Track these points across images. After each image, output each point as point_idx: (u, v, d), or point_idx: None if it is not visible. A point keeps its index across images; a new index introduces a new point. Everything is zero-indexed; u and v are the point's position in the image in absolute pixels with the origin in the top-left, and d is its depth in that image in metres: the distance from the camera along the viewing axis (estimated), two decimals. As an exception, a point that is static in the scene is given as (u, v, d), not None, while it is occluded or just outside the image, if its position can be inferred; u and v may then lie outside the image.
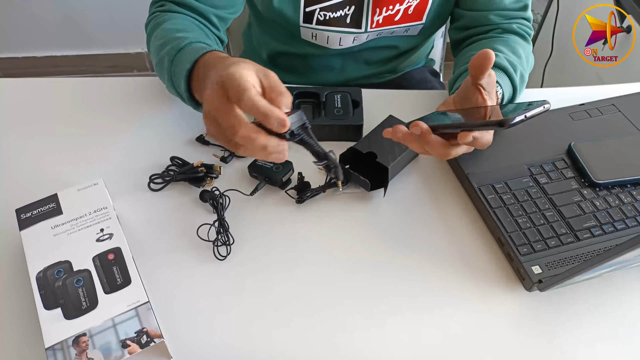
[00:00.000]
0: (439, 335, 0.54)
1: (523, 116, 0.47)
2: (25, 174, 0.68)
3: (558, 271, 0.56)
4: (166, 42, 0.65)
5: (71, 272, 0.53)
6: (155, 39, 0.68)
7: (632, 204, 0.62)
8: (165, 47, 0.64)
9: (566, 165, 0.67)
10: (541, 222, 0.61)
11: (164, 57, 0.64)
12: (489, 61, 0.52)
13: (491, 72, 0.56)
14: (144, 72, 2.09)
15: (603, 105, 0.76)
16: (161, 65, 0.65)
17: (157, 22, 0.70)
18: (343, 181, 0.66)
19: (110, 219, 0.58)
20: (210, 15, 0.73)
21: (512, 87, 0.68)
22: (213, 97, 0.47)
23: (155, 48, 0.67)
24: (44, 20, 1.91)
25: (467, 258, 0.60)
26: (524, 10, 0.78)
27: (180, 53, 0.61)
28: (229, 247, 0.60)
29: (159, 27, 0.69)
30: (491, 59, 0.52)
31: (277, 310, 0.55)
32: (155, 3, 0.74)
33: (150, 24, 0.72)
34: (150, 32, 0.71)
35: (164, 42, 0.65)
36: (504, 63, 0.68)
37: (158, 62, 0.66)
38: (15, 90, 0.82)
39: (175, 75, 0.62)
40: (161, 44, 0.65)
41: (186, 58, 0.60)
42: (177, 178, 0.67)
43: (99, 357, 0.47)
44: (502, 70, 0.68)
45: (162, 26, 0.69)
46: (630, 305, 0.56)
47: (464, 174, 0.66)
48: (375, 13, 0.76)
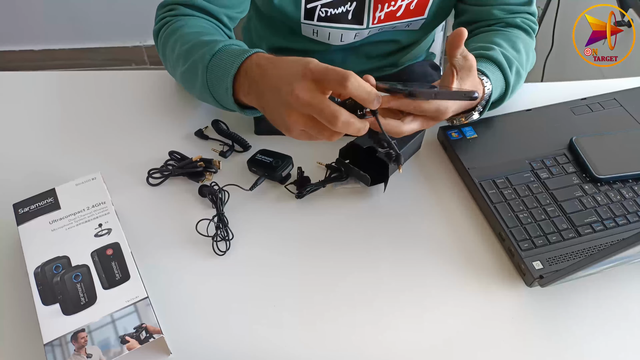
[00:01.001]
0: (439, 331, 0.54)
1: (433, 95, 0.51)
2: (22, 168, 0.68)
3: (559, 267, 0.56)
4: (193, 46, 0.62)
5: (69, 267, 0.53)
6: (176, 45, 0.65)
7: (633, 199, 0.62)
8: (196, 52, 0.61)
9: (567, 160, 0.67)
10: (542, 217, 0.60)
11: (196, 62, 0.61)
12: (460, 38, 0.54)
13: (469, 57, 0.57)
14: (143, 65, 2.08)
15: (605, 99, 0.75)
16: (192, 70, 0.62)
17: (172, 28, 0.68)
18: (343, 177, 0.66)
19: (109, 214, 0.57)
20: (222, 16, 0.72)
21: (504, 82, 0.68)
22: (304, 93, 0.48)
23: (180, 54, 0.64)
24: (41, 13, 1.90)
25: (468, 253, 0.60)
26: (528, 5, 0.78)
27: (217, 57, 0.59)
28: (229, 242, 0.60)
29: (176, 33, 0.67)
30: (462, 36, 0.54)
31: (277, 306, 0.55)
32: (163, 7, 0.72)
33: (163, 29, 0.70)
34: (165, 39, 0.68)
35: (191, 47, 0.63)
36: (499, 57, 0.67)
37: (188, 67, 0.63)
38: (12, 83, 0.81)
39: (213, 80, 0.59)
40: (187, 49, 0.63)
41: (227, 61, 0.58)
42: (175, 173, 0.66)
43: (97, 352, 0.47)
44: (495, 65, 0.67)
45: (180, 31, 0.66)
46: (632, 300, 0.56)
47: (465, 169, 0.66)
48: (377, 9, 0.76)
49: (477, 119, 0.66)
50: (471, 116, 0.65)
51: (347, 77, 0.46)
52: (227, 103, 0.60)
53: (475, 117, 0.65)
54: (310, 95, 0.48)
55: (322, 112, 0.47)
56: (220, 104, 0.62)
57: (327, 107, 0.47)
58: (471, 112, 0.65)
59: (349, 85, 0.46)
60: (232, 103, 0.59)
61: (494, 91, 0.65)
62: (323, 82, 0.48)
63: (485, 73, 0.64)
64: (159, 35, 0.71)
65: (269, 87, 0.52)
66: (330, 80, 0.47)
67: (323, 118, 0.48)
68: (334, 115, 0.47)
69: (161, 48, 0.70)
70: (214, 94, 0.61)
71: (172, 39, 0.67)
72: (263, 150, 0.68)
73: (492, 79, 0.65)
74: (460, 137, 0.70)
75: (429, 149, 0.71)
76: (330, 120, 0.47)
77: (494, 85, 0.65)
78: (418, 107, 0.56)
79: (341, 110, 0.47)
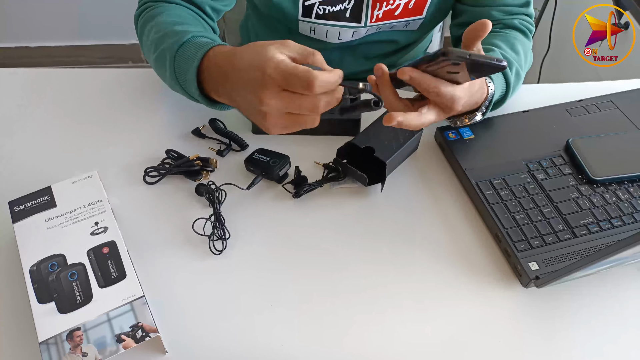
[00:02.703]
0: (435, 330, 0.54)
1: (468, 56, 0.46)
2: (18, 165, 0.68)
3: (555, 267, 0.56)
4: (165, 35, 0.62)
5: (65, 265, 0.52)
6: (151, 32, 0.65)
7: (629, 200, 0.62)
8: (166, 41, 0.61)
9: (564, 162, 0.67)
10: (538, 218, 0.61)
11: (164, 52, 0.61)
12: (484, 30, 0.52)
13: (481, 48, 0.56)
14: (139, 63, 2.07)
15: (601, 101, 0.76)
16: (161, 60, 0.62)
17: (151, 14, 0.68)
18: (341, 176, 0.65)
19: (105, 212, 0.57)
20: (205, 7, 0.72)
21: (505, 83, 0.68)
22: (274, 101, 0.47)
23: (153, 41, 0.64)
24: (37, 10, 1.88)
25: (464, 254, 0.60)
26: (525, 7, 0.78)
27: (183, 48, 0.59)
28: (225, 241, 0.60)
29: (153, 19, 0.67)
30: (487, 27, 0.52)
31: (273, 305, 0.55)
32: None
33: (142, 15, 0.70)
34: (143, 24, 0.69)
35: (162, 35, 0.63)
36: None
37: (157, 56, 0.63)
38: (8, 80, 0.81)
39: (180, 71, 0.59)
40: (159, 37, 0.63)
41: (191, 54, 0.57)
42: (172, 171, 0.66)
43: (93, 351, 0.46)
44: None
45: (157, 18, 0.66)
46: (627, 301, 0.56)
47: (462, 170, 0.66)
48: (375, 7, 0.76)
49: (479, 119, 0.66)
50: (474, 117, 0.65)
51: (312, 82, 0.45)
52: (195, 96, 0.59)
53: (478, 118, 0.65)
54: (280, 99, 0.47)
55: (301, 107, 0.47)
56: (191, 96, 0.61)
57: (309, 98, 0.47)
58: (474, 112, 0.65)
59: (315, 89, 0.45)
60: (200, 96, 0.58)
61: (495, 92, 0.65)
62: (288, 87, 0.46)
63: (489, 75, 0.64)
64: (139, 19, 0.70)
65: (235, 91, 0.52)
66: (295, 86, 0.46)
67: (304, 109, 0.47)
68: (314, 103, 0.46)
69: (139, 33, 0.70)
70: (183, 86, 0.60)
71: (149, 25, 0.67)
72: (260, 150, 0.68)
73: (495, 80, 0.65)
74: (457, 138, 0.70)
75: (426, 150, 0.72)
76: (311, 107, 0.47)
77: (495, 86, 0.65)
78: (436, 88, 0.53)
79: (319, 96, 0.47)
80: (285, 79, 0.46)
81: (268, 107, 0.47)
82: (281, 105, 0.47)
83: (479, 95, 0.62)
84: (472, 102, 0.62)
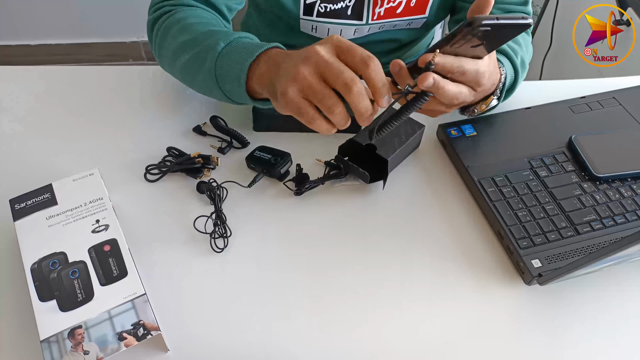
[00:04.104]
0: (437, 329, 0.53)
1: (495, 19, 0.46)
2: (19, 163, 0.68)
3: (558, 265, 0.56)
4: (199, 37, 0.61)
5: (66, 263, 0.52)
6: (182, 34, 0.64)
7: (632, 197, 0.62)
8: (203, 42, 0.60)
9: (567, 159, 0.67)
10: (541, 215, 0.60)
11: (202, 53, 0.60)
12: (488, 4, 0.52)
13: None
14: (140, 61, 2.07)
15: (604, 98, 0.75)
16: (199, 59, 0.61)
17: (176, 18, 0.67)
18: (342, 174, 0.65)
19: (106, 210, 0.57)
20: (222, 7, 0.72)
21: (513, 71, 0.68)
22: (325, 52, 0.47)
23: (186, 42, 0.63)
24: (38, 7, 1.88)
25: (467, 251, 0.60)
26: (524, 5, 0.78)
27: (232, 45, 0.58)
28: (226, 239, 0.59)
29: (179, 23, 0.66)
30: (490, 3, 0.52)
31: (275, 303, 0.55)
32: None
33: (163, 19, 0.68)
34: (166, 28, 0.67)
35: (196, 37, 0.62)
36: (504, 47, 0.68)
37: (194, 55, 0.62)
38: (9, 78, 0.81)
39: (224, 66, 0.58)
40: (192, 38, 0.62)
41: (247, 49, 0.57)
42: (173, 169, 0.66)
43: (94, 349, 0.46)
44: (503, 54, 0.68)
45: (185, 21, 0.65)
46: (630, 299, 0.56)
47: (464, 167, 0.66)
48: (376, 5, 0.75)
49: (495, 105, 0.65)
50: (490, 102, 0.64)
51: (372, 58, 0.46)
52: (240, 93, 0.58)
53: (494, 102, 0.65)
54: (330, 56, 0.47)
55: (341, 74, 0.46)
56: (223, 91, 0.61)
57: (347, 70, 0.46)
58: (490, 96, 0.64)
59: (371, 65, 0.46)
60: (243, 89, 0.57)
61: (507, 78, 0.65)
62: (347, 53, 0.47)
63: (499, 60, 0.64)
64: (156, 24, 0.69)
65: (289, 56, 0.52)
66: (356, 54, 0.47)
67: (340, 80, 0.46)
68: (351, 79, 0.46)
69: (159, 37, 0.68)
70: (220, 81, 0.60)
71: (175, 27, 0.66)
72: (262, 147, 0.67)
73: (505, 66, 0.65)
74: (459, 135, 0.69)
75: (428, 147, 0.71)
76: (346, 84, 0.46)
77: (507, 72, 0.65)
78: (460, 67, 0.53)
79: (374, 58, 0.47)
80: (351, 44, 0.47)
81: (316, 53, 0.47)
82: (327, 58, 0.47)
83: (495, 75, 0.61)
84: (493, 79, 0.61)
